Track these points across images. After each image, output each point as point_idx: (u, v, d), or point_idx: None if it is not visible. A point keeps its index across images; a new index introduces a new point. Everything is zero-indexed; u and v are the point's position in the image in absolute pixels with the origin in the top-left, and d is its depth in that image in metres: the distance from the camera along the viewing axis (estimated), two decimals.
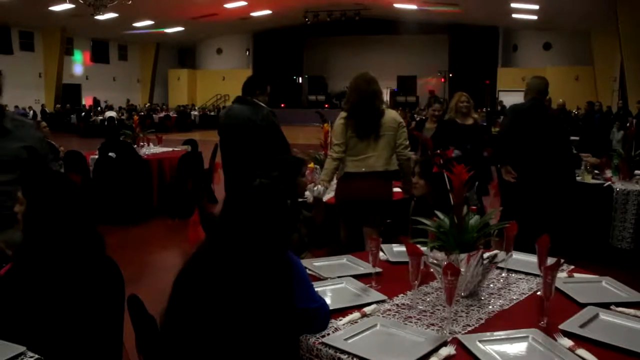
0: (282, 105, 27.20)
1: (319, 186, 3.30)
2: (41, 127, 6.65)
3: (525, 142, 4.27)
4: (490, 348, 1.57)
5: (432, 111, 5.62)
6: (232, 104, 4.26)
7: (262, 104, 4.06)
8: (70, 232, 1.77)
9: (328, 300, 1.80)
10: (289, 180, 2.79)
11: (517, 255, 2.38)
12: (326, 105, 25.52)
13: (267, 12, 22.06)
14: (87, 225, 1.83)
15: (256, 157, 3.81)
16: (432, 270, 1.95)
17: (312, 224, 3.02)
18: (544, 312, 1.76)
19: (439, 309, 1.88)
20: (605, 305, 1.88)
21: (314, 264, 2.35)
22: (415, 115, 17.81)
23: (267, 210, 1.70)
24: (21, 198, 1.82)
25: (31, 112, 20.53)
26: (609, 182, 4.91)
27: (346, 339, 1.62)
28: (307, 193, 3.28)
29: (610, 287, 2.10)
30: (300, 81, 28.52)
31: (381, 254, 2.41)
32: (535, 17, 19.49)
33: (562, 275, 2.21)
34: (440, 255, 1.93)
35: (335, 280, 2.16)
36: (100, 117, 19.17)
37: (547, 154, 4.25)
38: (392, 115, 3.48)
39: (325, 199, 3.38)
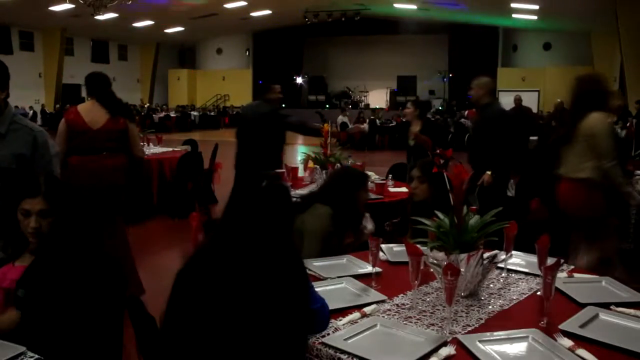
0: (283, 105, 27.15)
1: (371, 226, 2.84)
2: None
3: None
4: (490, 348, 1.57)
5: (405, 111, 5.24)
6: None
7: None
8: (83, 233, 1.79)
9: (328, 300, 1.80)
10: (349, 192, 2.68)
11: (517, 255, 2.38)
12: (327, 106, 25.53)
13: (267, 12, 22.03)
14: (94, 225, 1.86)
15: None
16: (432, 270, 1.95)
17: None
18: (544, 312, 1.77)
19: (439, 309, 1.88)
20: (605, 305, 1.88)
21: (314, 264, 2.34)
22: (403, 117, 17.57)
23: (273, 210, 1.69)
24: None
25: (31, 112, 20.51)
26: None
27: (346, 339, 1.62)
28: (369, 226, 2.81)
29: (610, 287, 2.10)
30: (300, 81, 28.48)
31: (381, 254, 2.41)
32: (535, 17, 19.48)
33: (562, 275, 2.21)
34: (440, 255, 1.93)
35: (335, 280, 2.16)
36: None
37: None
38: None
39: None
